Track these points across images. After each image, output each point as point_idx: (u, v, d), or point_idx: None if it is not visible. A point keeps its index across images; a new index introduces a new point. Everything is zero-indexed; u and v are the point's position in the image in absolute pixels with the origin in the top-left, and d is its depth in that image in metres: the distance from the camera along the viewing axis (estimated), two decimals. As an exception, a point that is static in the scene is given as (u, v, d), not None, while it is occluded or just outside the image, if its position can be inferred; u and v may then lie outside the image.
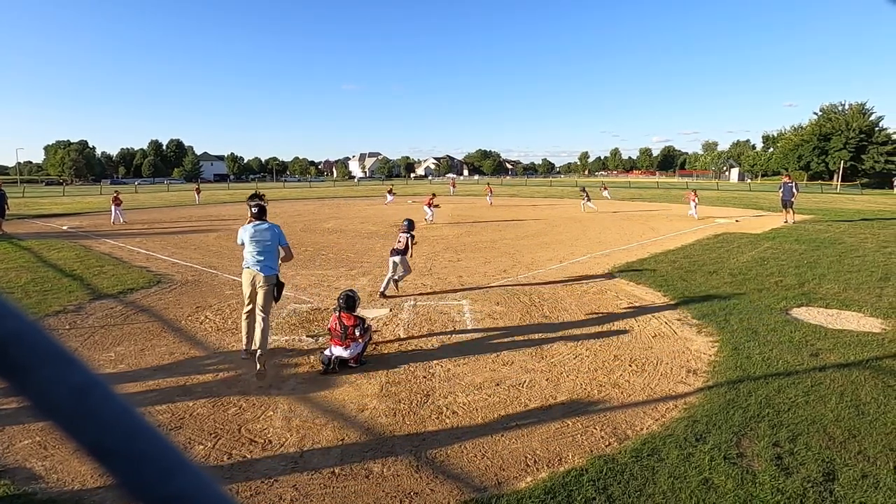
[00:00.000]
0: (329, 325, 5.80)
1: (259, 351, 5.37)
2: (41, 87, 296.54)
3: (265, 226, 5.80)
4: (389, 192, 33.33)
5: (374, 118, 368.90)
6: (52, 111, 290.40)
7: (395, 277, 8.79)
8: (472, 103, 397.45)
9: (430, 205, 21.50)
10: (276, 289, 5.72)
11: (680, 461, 3.76)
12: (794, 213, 19.57)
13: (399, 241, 8.77)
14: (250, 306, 5.82)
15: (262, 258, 5.70)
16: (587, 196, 25.99)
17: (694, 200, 21.87)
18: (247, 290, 5.81)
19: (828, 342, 6.18)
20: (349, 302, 5.77)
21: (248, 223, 5.83)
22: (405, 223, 8.95)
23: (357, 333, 5.64)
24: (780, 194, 19.69)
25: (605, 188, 37.16)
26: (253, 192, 6.55)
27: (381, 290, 8.71)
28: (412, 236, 8.84)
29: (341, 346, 5.56)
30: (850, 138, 72.24)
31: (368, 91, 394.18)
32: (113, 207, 21.49)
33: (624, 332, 6.77)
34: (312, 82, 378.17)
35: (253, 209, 5.85)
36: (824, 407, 4.56)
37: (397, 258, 8.58)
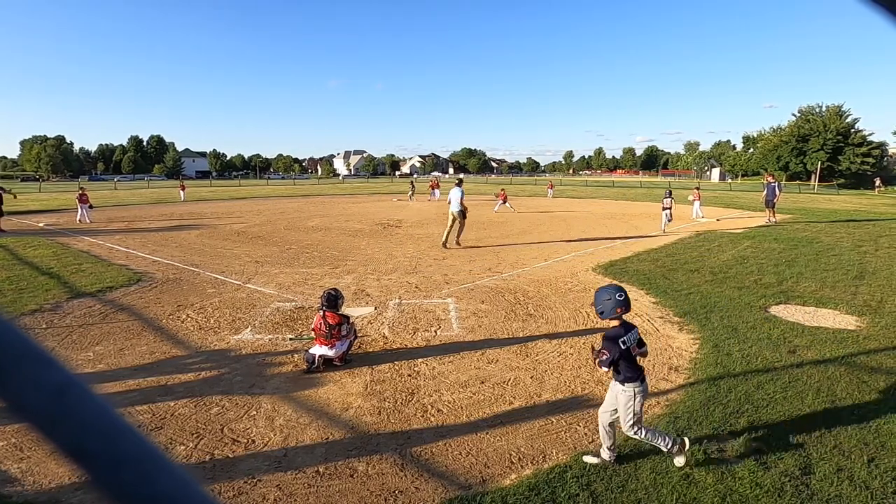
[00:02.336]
0: (313, 325, 5.75)
1: (457, 241, 13.65)
2: (17, 80, 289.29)
3: (457, 189, 13.71)
4: (433, 187, 34.99)
5: (360, 116, 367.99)
6: (28, 105, 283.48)
7: (668, 221, 16.83)
8: (457, 102, 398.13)
9: (504, 199, 25.20)
10: (461, 216, 13.61)
11: (662, 457, 3.81)
12: (774, 212, 19.75)
13: (666, 204, 16.71)
14: (451, 226, 13.79)
15: (455, 202, 13.59)
16: (413, 189, 32.42)
17: (698, 199, 21.22)
18: (449, 219, 13.79)
19: (805, 339, 6.31)
20: (331, 300, 5.72)
21: (454, 189, 13.81)
22: (668, 191, 17.01)
23: (342, 332, 5.61)
24: (764, 194, 19.82)
25: (552, 187, 40.51)
26: (461, 177, 15.08)
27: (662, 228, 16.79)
28: (672, 199, 16.80)
29: (326, 345, 5.52)
30: (828, 139, 73.68)
31: (354, 88, 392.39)
32: (79, 206, 20.34)
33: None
34: (297, 78, 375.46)
35: (457, 183, 14.12)
36: (801, 402, 4.66)
37: (667, 212, 16.67)
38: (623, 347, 3.63)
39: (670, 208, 16.66)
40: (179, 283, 9.46)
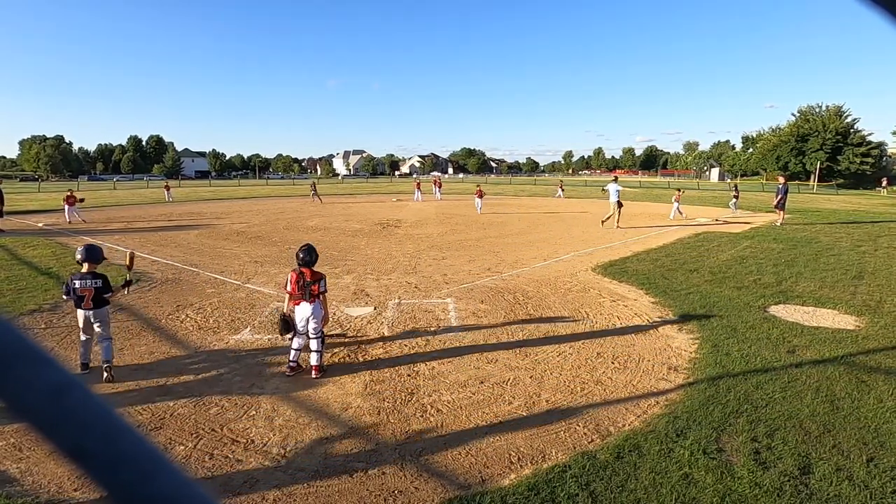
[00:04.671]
0: (290, 288, 5.51)
1: (616, 225, 17.81)
2: (16, 80, 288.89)
3: (614, 184, 18.15)
4: (436, 185, 34.69)
5: (359, 116, 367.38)
6: (27, 105, 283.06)
7: (734, 209, 24.47)
8: (457, 102, 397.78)
9: (480, 195, 24.66)
10: (618, 206, 17.71)
11: (661, 457, 3.81)
12: (781, 214, 19.50)
13: (735, 193, 25.19)
14: (613, 214, 17.83)
15: (613, 195, 17.84)
16: (314, 190, 30.89)
17: (678, 201, 21.44)
18: (611, 208, 17.97)
19: (804, 339, 6.32)
20: (307, 257, 5.54)
21: (611, 184, 18.30)
22: (735, 185, 28.01)
23: (321, 289, 5.45)
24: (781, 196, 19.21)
25: (562, 187, 39.78)
26: (616, 175, 24.06)
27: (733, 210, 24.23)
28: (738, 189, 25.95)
29: (309, 303, 5.35)
30: (827, 139, 73.68)
31: (353, 88, 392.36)
32: (66, 206, 20.14)
33: (607, 329, 6.84)
34: (296, 78, 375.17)
35: (614, 179, 18.88)
36: (800, 402, 4.67)
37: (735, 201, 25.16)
38: (76, 286, 5.34)
39: (737, 198, 24.68)
40: (179, 283, 9.45)
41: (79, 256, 5.54)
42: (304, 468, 3.79)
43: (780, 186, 19.37)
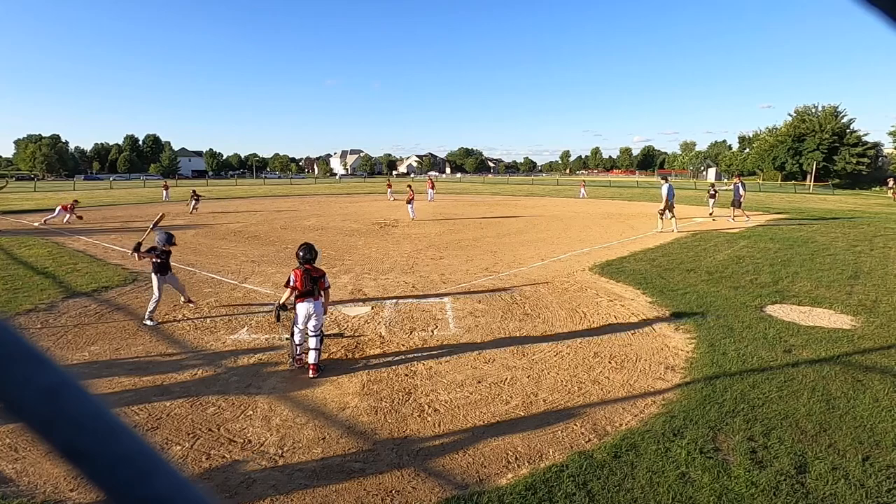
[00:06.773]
0: (294, 283, 5.42)
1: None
2: (11, 79, 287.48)
3: (665, 183, 16.62)
4: (389, 186, 34.53)
5: (357, 115, 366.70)
6: (23, 104, 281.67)
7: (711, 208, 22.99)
8: (455, 102, 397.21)
9: (410, 201, 22.06)
10: (671, 211, 16.52)
11: (658, 456, 3.82)
12: (741, 211, 19.87)
13: (711, 190, 23.48)
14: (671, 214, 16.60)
15: (668, 194, 16.26)
16: (196, 198, 25.72)
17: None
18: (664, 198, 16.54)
19: (800, 338, 6.34)
20: (309, 254, 5.52)
21: (665, 184, 16.70)
22: (713, 185, 24.94)
23: (326, 284, 5.57)
24: (733, 194, 20.06)
25: (584, 185, 40.87)
26: (665, 176, 18.23)
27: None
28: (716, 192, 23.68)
29: (315, 300, 5.38)
30: (823, 140, 73.89)
31: (352, 87, 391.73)
32: (59, 208, 19.74)
33: (604, 329, 6.85)
34: (295, 77, 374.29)
35: (665, 179, 17.20)
36: (797, 402, 4.68)
37: (713, 199, 23.27)
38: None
39: (716, 196, 23.29)
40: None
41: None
42: (302, 468, 3.78)
43: (736, 185, 19.79)
